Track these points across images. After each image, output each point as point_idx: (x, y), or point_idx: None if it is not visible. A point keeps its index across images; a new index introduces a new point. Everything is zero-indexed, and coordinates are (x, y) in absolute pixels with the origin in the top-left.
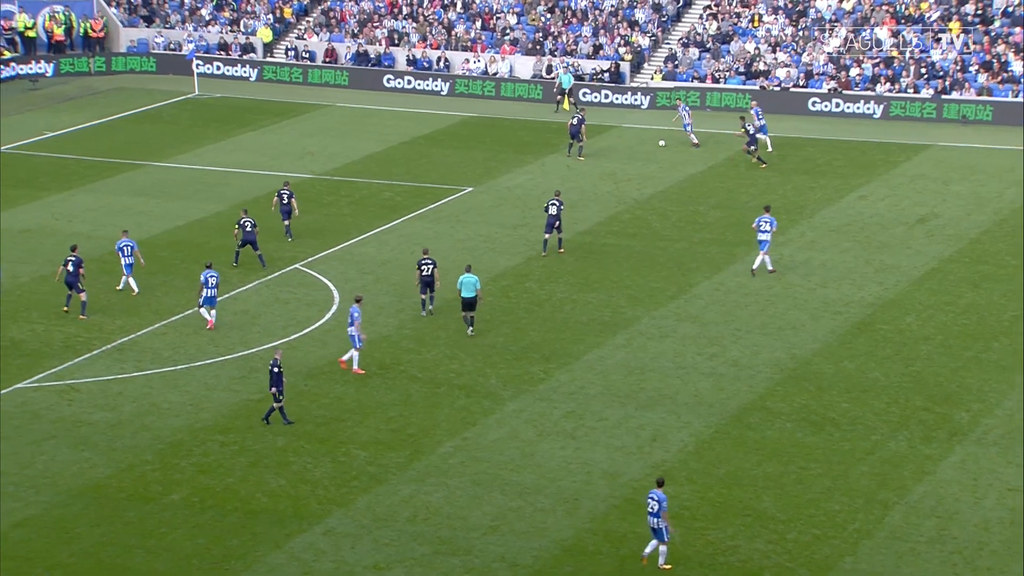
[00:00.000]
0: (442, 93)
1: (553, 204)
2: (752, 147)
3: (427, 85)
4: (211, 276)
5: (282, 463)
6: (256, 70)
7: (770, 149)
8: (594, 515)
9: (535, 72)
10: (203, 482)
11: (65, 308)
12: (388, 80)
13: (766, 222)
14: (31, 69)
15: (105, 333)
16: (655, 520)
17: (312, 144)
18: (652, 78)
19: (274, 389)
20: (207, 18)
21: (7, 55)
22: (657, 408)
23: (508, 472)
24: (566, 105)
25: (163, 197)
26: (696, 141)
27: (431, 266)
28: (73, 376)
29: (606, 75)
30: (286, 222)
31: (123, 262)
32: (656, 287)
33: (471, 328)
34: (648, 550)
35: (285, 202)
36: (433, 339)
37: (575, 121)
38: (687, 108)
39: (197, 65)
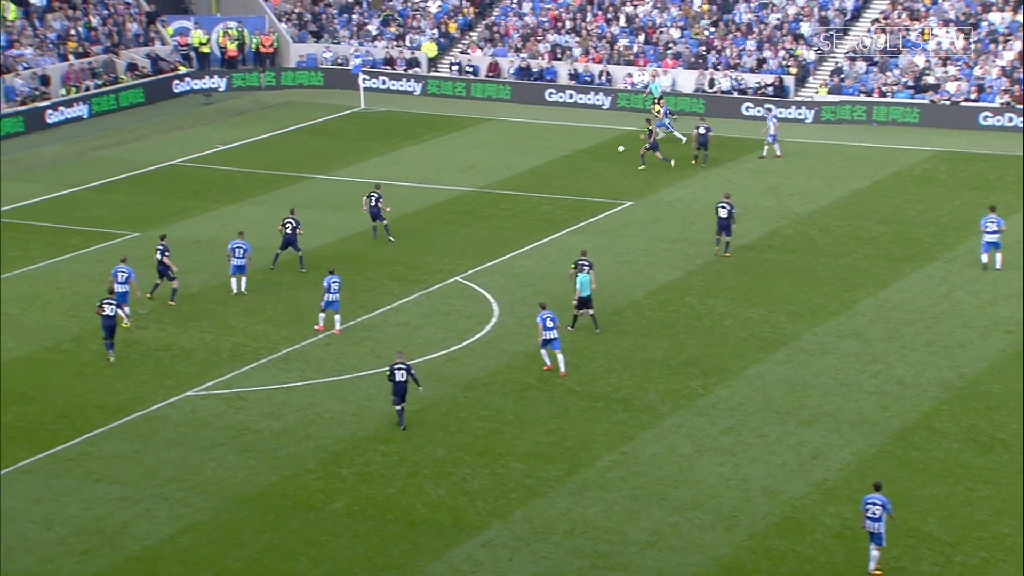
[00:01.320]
0: (604, 107)
1: (723, 207)
2: (654, 150)
3: (589, 99)
4: (333, 282)
5: (441, 474)
6: (420, 84)
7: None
8: (753, 532)
9: (697, 86)
10: (364, 491)
11: (148, 295)
12: (550, 94)
13: (992, 222)
14: (205, 84)
15: (271, 343)
16: (877, 525)
17: (474, 158)
18: (817, 92)
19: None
20: (374, 33)
21: (182, 70)
22: (818, 425)
23: (666, 487)
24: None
25: (327, 209)
26: (778, 153)
27: (588, 267)
28: (240, 385)
29: (770, 89)
30: (376, 223)
31: (233, 263)
32: (818, 303)
33: (597, 328)
34: (873, 565)
35: (373, 203)
36: (591, 353)
37: (702, 130)
38: (775, 119)
39: (363, 79)
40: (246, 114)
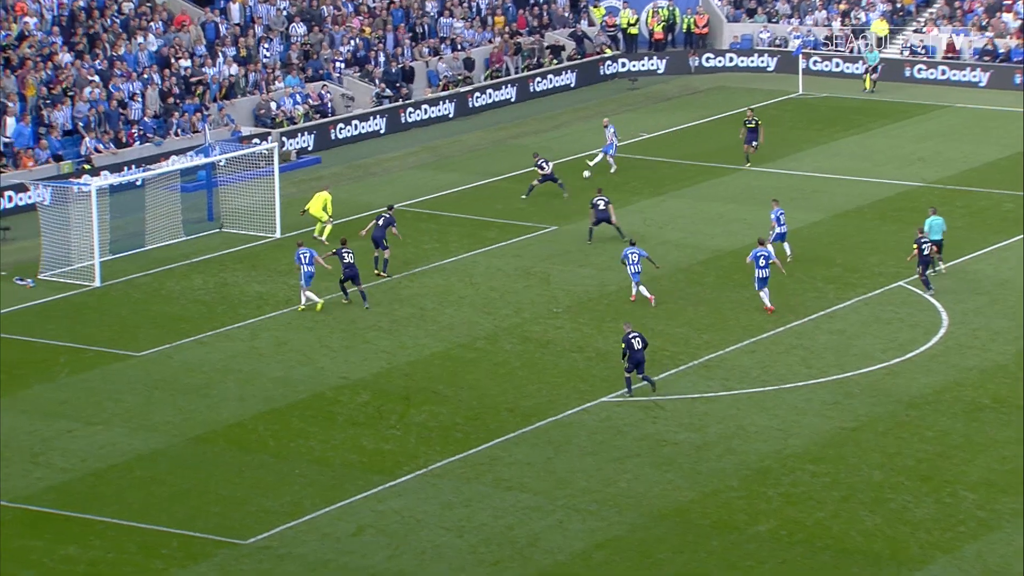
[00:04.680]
0: None
1: None
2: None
3: None
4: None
5: (878, 499)
6: (864, 67)
7: (613, 169)
8: None
9: None
10: (791, 514)
11: (376, 271)
12: (1018, 78)
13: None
14: (633, 67)
15: (691, 348)
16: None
17: (923, 149)
18: None
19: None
20: (816, 10)
21: (608, 53)
22: None
23: None
24: (868, 83)
25: (756, 204)
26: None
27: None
28: (658, 392)
29: None
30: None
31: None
32: None
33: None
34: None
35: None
36: None
37: None
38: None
39: (806, 62)
40: (674, 100)
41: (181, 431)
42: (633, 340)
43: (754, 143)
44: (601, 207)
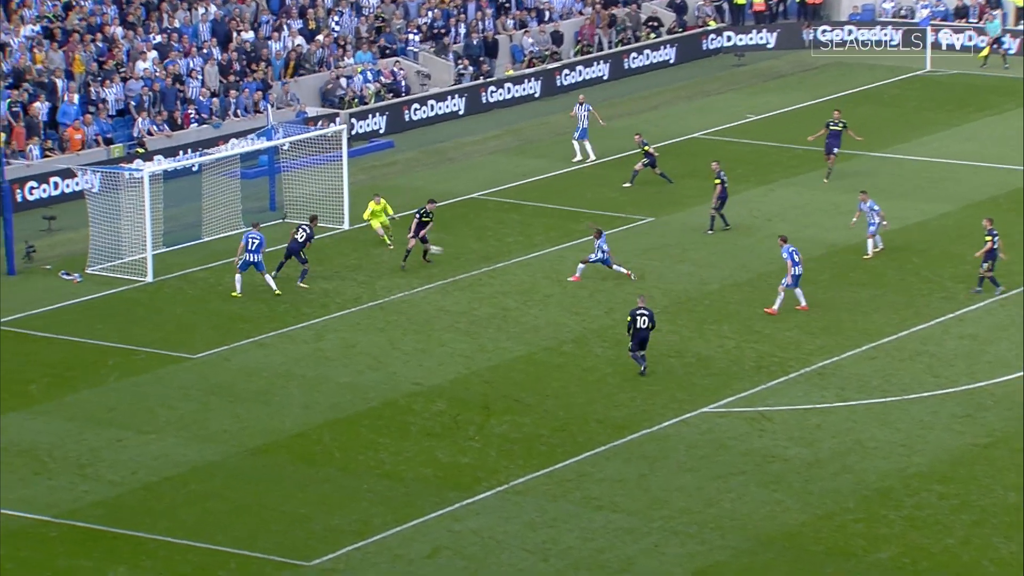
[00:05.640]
0: None
1: None
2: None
3: None
4: (252, 238)
5: (1014, 524)
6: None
7: (592, 158)
8: None
9: None
10: (916, 540)
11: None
12: None
13: None
14: (740, 40)
15: (803, 354)
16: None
17: None
18: None
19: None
20: None
21: (712, 25)
22: None
23: None
24: (983, 55)
25: (876, 194)
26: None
27: None
28: (765, 402)
29: None
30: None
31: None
32: None
33: None
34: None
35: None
36: None
37: None
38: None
39: (934, 35)
40: (785, 78)
41: (240, 441)
42: (639, 316)
43: (835, 151)
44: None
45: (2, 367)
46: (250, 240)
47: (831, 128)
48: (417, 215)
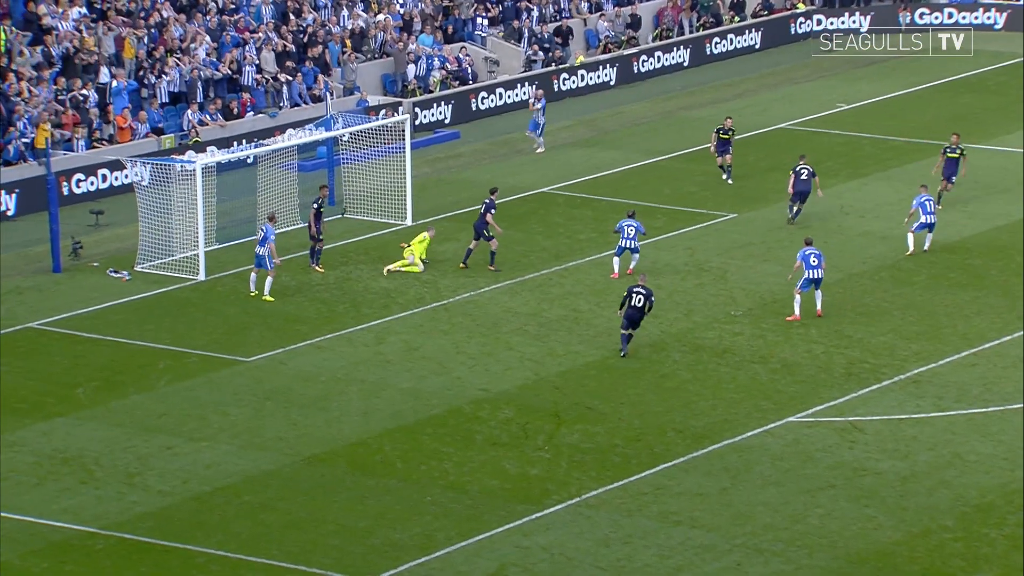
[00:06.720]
0: None
1: None
2: None
3: None
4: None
5: None
6: None
7: (540, 150)
8: None
9: None
10: (1019, 561)
11: (463, 264)
12: None
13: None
14: (831, 24)
15: (897, 360)
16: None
17: None
18: None
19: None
20: None
21: (801, 8)
22: None
23: None
24: None
25: (978, 188)
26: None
27: None
28: (856, 411)
29: None
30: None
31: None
32: None
33: None
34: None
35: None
36: None
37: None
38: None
39: None
40: (881, 64)
41: (295, 450)
42: (635, 294)
43: (954, 179)
44: (804, 176)
45: (47, 370)
46: (270, 234)
47: (948, 156)
48: (484, 205)
